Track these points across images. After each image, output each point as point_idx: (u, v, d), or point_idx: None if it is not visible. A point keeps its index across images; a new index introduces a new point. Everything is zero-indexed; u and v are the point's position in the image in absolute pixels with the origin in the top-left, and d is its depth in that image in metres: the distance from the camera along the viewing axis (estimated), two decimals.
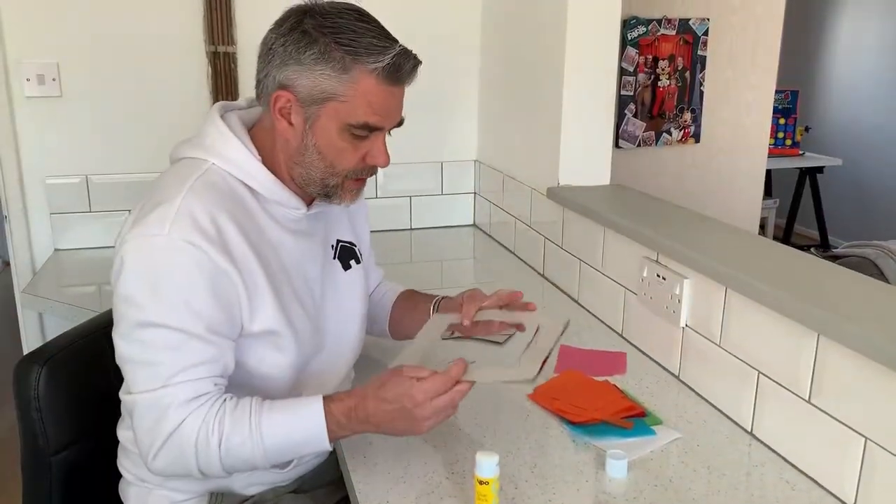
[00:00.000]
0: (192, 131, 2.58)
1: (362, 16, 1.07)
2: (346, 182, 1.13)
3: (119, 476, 1.22)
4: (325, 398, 1.05)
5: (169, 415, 1.00)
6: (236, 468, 1.06)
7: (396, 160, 2.46)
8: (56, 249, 2.22)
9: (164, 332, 1.00)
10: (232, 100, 2.25)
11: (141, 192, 2.25)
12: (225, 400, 1.04)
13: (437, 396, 1.01)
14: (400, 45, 1.07)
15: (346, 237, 1.30)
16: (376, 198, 2.48)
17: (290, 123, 1.08)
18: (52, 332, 2.14)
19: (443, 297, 1.34)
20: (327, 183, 1.12)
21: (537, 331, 1.20)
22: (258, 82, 1.10)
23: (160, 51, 2.19)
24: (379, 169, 1.17)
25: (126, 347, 1.02)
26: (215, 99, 2.24)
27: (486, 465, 1.01)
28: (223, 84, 2.24)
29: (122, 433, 1.19)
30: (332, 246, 1.26)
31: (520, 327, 1.24)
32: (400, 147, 2.44)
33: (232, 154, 1.09)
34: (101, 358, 1.25)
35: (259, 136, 1.13)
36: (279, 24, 1.08)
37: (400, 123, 1.14)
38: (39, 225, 2.21)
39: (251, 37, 2.26)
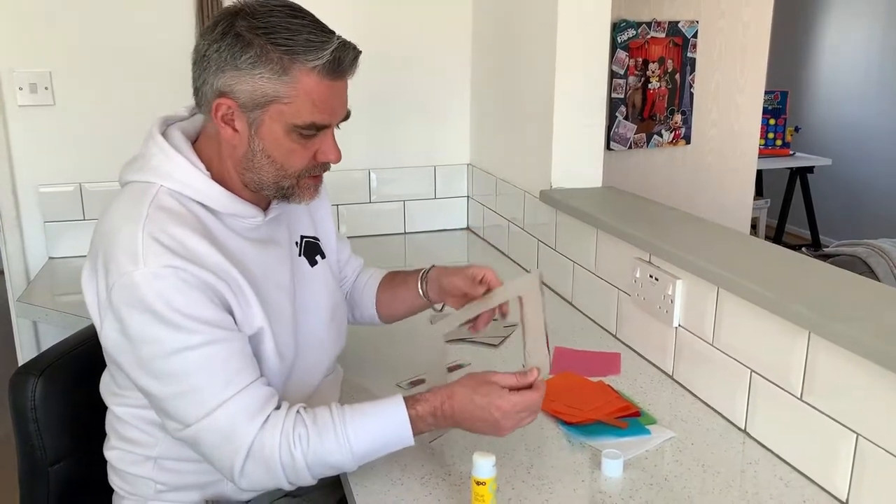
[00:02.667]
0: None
1: (295, 11, 1.03)
2: (300, 181, 1.10)
3: None
4: (408, 398, 1.07)
5: (238, 431, 1.00)
6: (325, 475, 1.07)
7: (390, 165, 2.52)
8: (50, 258, 2.22)
9: (190, 353, 0.99)
10: None
11: None
12: (298, 411, 1.04)
13: (523, 409, 1.07)
14: (338, 38, 1.03)
15: (309, 233, 1.28)
16: (370, 202, 2.49)
17: (235, 130, 1.05)
18: (47, 341, 2.14)
19: (430, 268, 1.35)
20: (281, 185, 1.09)
21: (521, 307, 1.22)
22: (196, 90, 1.07)
23: (153, 58, 2.19)
24: (332, 165, 1.13)
25: (160, 386, 1.01)
26: None
27: (483, 465, 1.02)
28: None
29: (109, 453, 1.19)
30: (297, 243, 1.24)
31: (504, 309, 1.26)
32: (393, 152, 2.49)
33: (179, 174, 1.06)
34: (96, 367, 1.25)
35: (205, 146, 1.10)
36: (210, 29, 1.03)
37: (347, 116, 1.10)
38: (33, 233, 2.20)
39: None
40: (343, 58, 1.03)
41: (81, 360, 1.26)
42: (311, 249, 1.26)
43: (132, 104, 2.20)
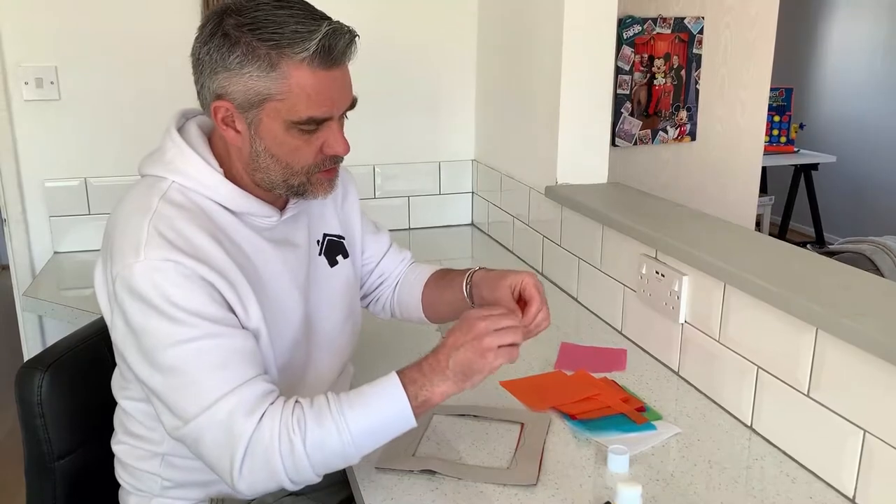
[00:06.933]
0: None
1: (282, 2, 0.99)
2: (311, 177, 1.07)
3: None
4: (401, 371, 1.01)
5: (237, 423, 0.95)
6: (328, 466, 0.99)
7: (394, 161, 2.52)
8: (56, 252, 2.22)
9: (188, 346, 0.96)
10: None
11: None
12: (297, 400, 0.99)
13: (498, 325, 1.00)
14: (328, 24, 0.98)
15: (334, 231, 1.25)
16: (374, 198, 2.49)
17: (237, 131, 1.03)
18: (53, 335, 2.15)
19: (477, 270, 1.25)
20: (291, 183, 1.07)
21: (523, 427, 1.25)
22: (197, 94, 1.05)
23: (158, 53, 2.19)
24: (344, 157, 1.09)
25: (161, 378, 0.98)
26: None
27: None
28: None
29: (116, 447, 1.19)
30: (318, 241, 1.22)
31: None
32: (397, 147, 2.49)
33: (192, 171, 1.05)
34: (102, 361, 1.25)
35: (218, 145, 1.09)
36: (200, 30, 1.01)
37: (353, 105, 1.06)
38: (39, 228, 2.21)
39: None
40: (334, 45, 0.98)
41: (88, 354, 1.26)
42: (333, 248, 1.24)
43: (138, 99, 2.20)
